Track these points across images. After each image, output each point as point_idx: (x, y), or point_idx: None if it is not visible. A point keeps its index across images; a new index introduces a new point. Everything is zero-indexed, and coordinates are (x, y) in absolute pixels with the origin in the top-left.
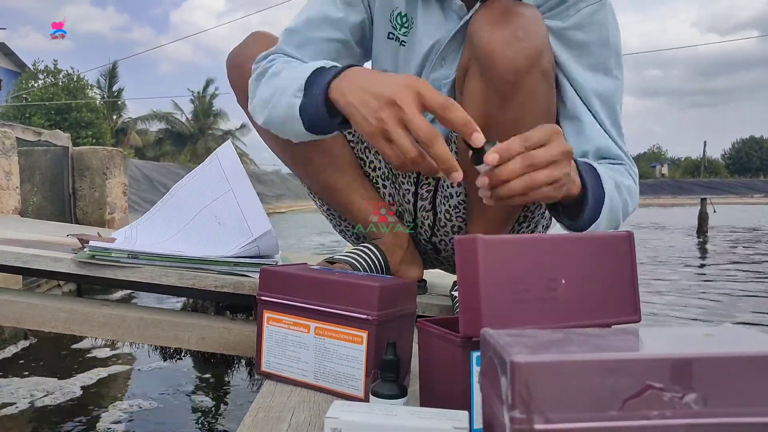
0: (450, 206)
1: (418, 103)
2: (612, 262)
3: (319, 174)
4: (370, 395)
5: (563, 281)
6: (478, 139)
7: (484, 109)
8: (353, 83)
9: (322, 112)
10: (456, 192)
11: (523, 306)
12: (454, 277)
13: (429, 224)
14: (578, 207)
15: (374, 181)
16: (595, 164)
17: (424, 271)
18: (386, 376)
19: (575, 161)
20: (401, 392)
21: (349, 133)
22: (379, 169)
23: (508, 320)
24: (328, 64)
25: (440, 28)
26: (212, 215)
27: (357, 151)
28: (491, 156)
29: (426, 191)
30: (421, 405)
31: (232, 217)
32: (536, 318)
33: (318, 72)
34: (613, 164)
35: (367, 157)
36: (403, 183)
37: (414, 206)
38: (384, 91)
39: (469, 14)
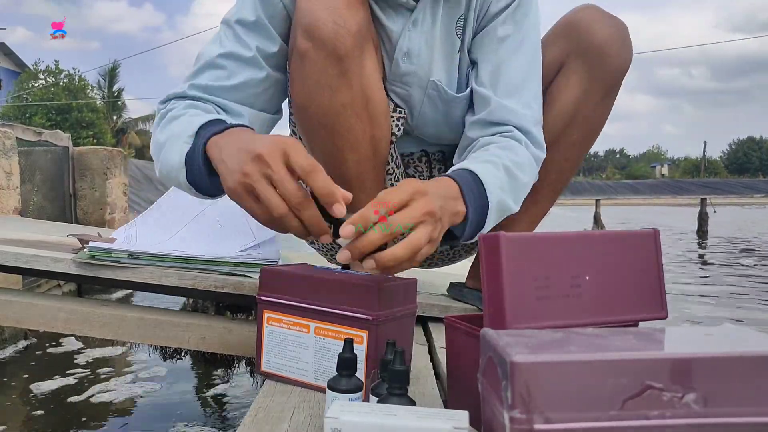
0: None
1: (284, 162)
2: (637, 259)
3: (354, 165)
4: (370, 395)
5: (587, 278)
6: (339, 210)
7: (582, 103)
8: (230, 140)
9: (200, 165)
10: None
11: (547, 302)
12: (452, 279)
13: None
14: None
15: (392, 180)
16: (479, 168)
17: (426, 270)
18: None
19: (457, 180)
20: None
21: (396, 126)
22: (399, 166)
23: (532, 316)
24: (210, 117)
25: (395, 21)
26: (213, 216)
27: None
28: (346, 228)
29: None
30: (448, 399)
31: (234, 219)
32: (561, 314)
33: (210, 123)
34: (507, 136)
35: (393, 155)
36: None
37: None
38: (252, 147)
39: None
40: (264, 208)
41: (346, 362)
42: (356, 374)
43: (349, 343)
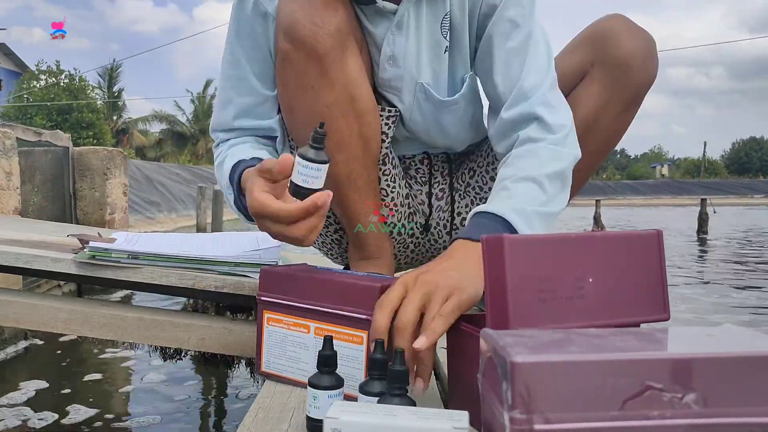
0: (469, 201)
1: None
2: (640, 260)
3: (343, 164)
4: (360, 393)
5: (590, 280)
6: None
7: (602, 113)
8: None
9: (236, 191)
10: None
11: (550, 304)
12: None
13: (444, 223)
14: None
15: (388, 181)
16: (508, 212)
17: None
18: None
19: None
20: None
21: (386, 125)
22: (396, 167)
23: (535, 318)
24: (246, 155)
25: (378, 26)
26: (220, 236)
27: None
28: (419, 386)
29: (440, 190)
30: (448, 399)
31: (244, 237)
32: (563, 316)
33: (238, 164)
34: (538, 144)
35: (389, 155)
36: (414, 184)
37: (429, 206)
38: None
39: (403, 6)
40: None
41: (326, 359)
42: (336, 371)
43: (329, 341)
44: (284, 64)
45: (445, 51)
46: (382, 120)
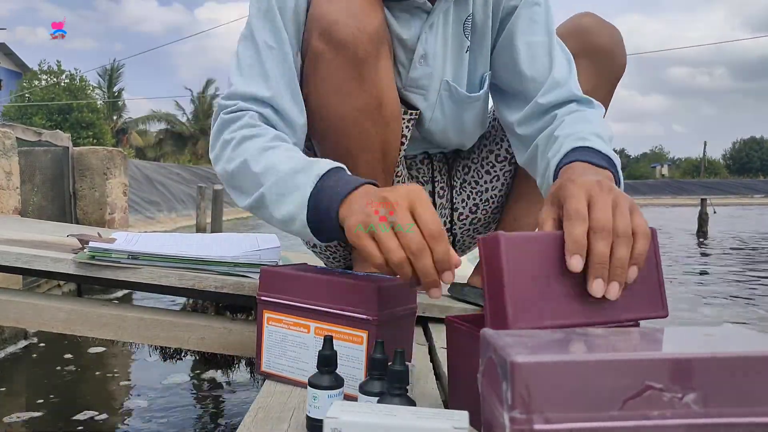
0: (465, 196)
1: (410, 210)
2: None
3: (364, 166)
4: (360, 393)
5: None
6: (449, 278)
7: (592, 97)
8: (361, 199)
9: (334, 229)
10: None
11: (549, 302)
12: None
13: (445, 220)
14: None
15: (399, 181)
16: (590, 143)
17: None
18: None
19: (598, 164)
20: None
21: (406, 128)
22: (404, 168)
23: (534, 316)
24: (329, 165)
25: (411, 26)
26: (220, 236)
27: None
28: (575, 260)
29: (440, 188)
30: (448, 399)
31: (244, 238)
32: (562, 314)
33: (333, 171)
34: (581, 108)
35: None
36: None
37: (433, 204)
38: (380, 192)
39: (438, 5)
40: (380, 252)
41: (326, 359)
42: (336, 371)
43: (329, 340)
44: (317, 64)
45: (466, 51)
46: (403, 123)
